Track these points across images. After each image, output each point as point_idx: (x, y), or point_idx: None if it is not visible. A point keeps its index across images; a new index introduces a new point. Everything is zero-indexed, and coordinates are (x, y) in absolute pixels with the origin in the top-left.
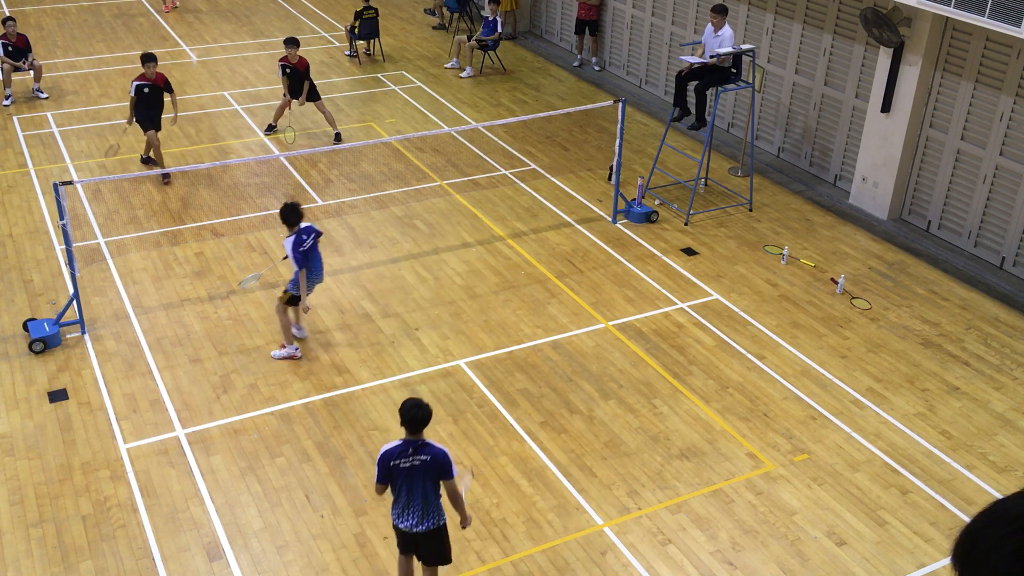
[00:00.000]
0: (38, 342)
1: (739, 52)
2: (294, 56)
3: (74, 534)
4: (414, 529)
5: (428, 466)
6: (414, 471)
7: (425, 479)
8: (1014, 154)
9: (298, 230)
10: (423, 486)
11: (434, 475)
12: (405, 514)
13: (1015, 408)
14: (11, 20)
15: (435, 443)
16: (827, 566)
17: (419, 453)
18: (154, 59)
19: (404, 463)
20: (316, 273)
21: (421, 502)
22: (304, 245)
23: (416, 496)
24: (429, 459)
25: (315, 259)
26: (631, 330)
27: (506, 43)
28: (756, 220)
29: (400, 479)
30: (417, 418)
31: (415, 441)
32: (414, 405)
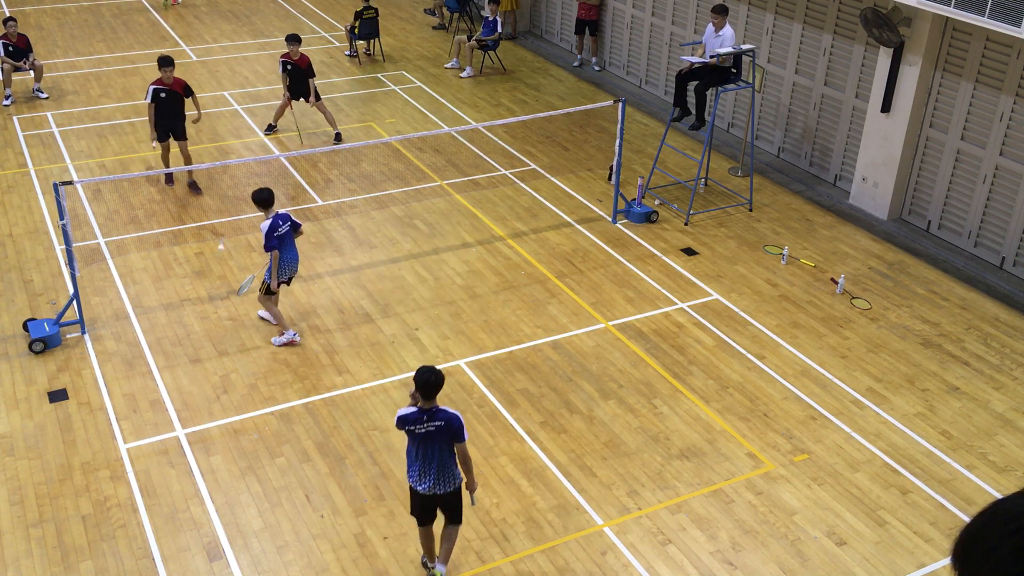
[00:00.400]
0: (38, 342)
1: (739, 52)
2: (296, 53)
3: (74, 534)
4: (433, 491)
5: (442, 431)
6: (429, 436)
7: (440, 444)
8: (1014, 154)
9: (274, 215)
10: (439, 451)
11: (447, 439)
12: (423, 477)
13: (1015, 408)
14: (12, 20)
15: (448, 408)
16: (827, 566)
17: (433, 419)
18: (171, 63)
19: (419, 429)
20: (290, 263)
21: (437, 466)
22: (279, 230)
23: (432, 460)
24: (443, 424)
25: (289, 248)
26: (631, 330)
27: (506, 43)
28: (756, 220)
29: (416, 444)
30: (430, 383)
31: (429, 408)
32: (427, 370)
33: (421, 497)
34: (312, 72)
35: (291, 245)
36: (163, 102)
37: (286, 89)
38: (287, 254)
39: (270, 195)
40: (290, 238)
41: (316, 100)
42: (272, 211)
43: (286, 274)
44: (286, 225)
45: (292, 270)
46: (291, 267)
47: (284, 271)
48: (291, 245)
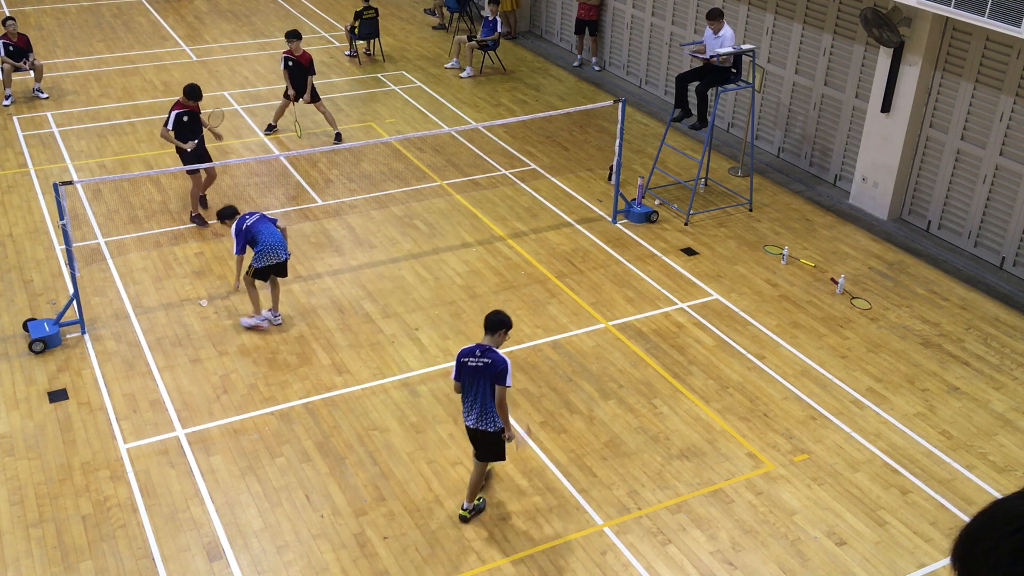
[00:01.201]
0: (38, 342)
1: (739, 52)
2: (297, 49)
3: (74, 534)
4: (475, 426)
5: (487, 369)
6: (477, 371)
7: (483, 381)
8: (1014, 154)
9: (240, 216)
10: (482, 387)
11: (490, 379)
12: (469, 412)
13: (1015, 408)
14: (12, 20)
15: (500, 352)
16: (827, 566)
17: (484, 356)
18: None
19: (471, 362)
20: (271, 248)
21: (480, 404)
22: (246, 223)
23: (477, 395)
24: (490, 362)
25: (265, 233)
26: (631, 330)
27: (506, 43)
28: (756, 220)
29: (466, 377)
30: (490, 319)
31: (483, 345)
32: (495, 311)
33: (467, 430)
34: (313, 70)
35: (269, 230)
36: (185, 125)
37: (288, 82)
38: (266, 239)
39: (232, 209)
40: (264, 224)
41: (314, 100)
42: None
43: (267, 260)
44: (254, 216)
45: (277, 255)
46: (274, 252)
47: (265, 257)
48: (269, 230)
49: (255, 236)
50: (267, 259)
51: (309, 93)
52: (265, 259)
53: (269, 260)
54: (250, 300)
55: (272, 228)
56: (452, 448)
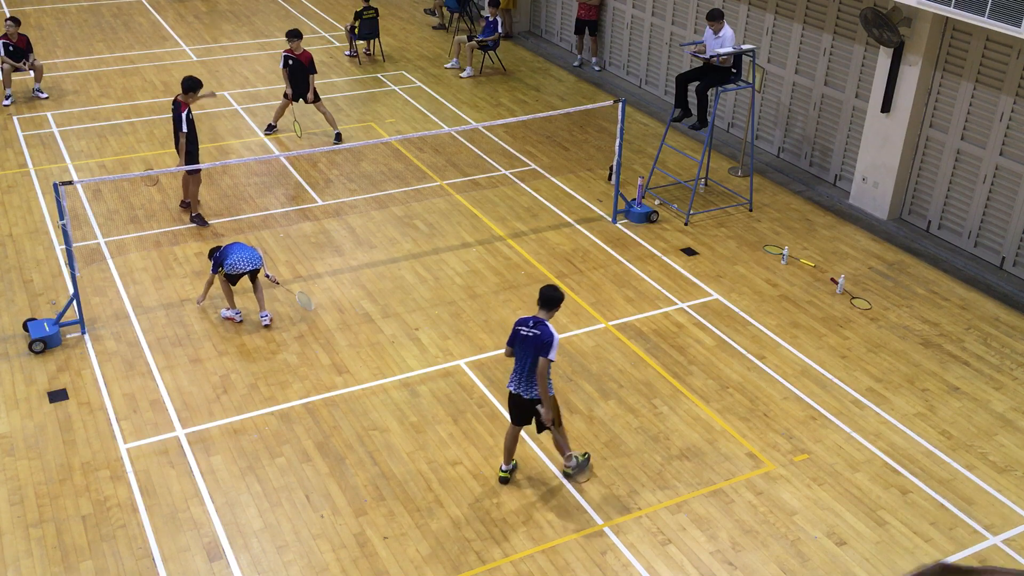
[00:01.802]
0: (38, 342)
1: (739, 52)
2: (298, 48)
3: (74, 534)
4: (514, 390)
5: (535, 340)
6: (527, 340)
7: (529, 351)
8: (1014, 154)
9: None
10: (528, 358)
11: (535, 350)
12: (513, 377)
13: (1015, 408)
14: (13, 21)
15: (551, 327)
16: (827, 566)
17: (535, 328)
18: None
19: (523, 331)
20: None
21: (527, 372)
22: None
23: (524, 364)
24: (539, 334)
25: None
26: (631, 330)
27: (506, 43)
28: (756, 220)
29: (517, 344)
30: (544, 295)
31: (538, 317)
32: (550, 286)
33: (509, 395)
34: (314, 68)
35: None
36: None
37: (287, 81)
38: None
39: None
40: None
41: (315, 100)
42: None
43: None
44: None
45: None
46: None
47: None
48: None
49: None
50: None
51: (312, 92)
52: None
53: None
54: (224, 296)
55: (243, 247)
56: (452, 448)
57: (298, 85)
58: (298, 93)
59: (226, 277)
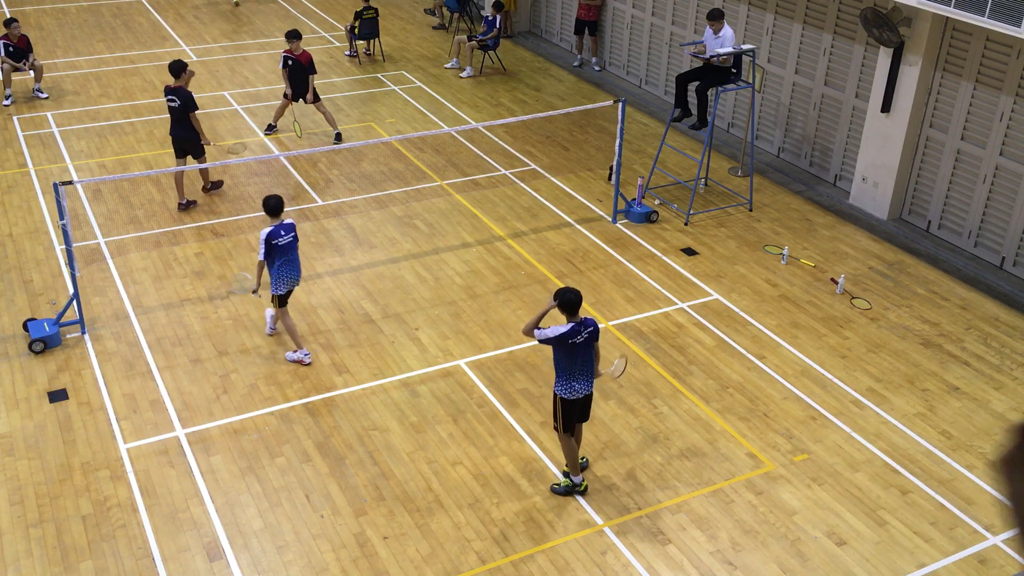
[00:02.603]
0: (38, 342)
1: (739, 52)
2: (297, 48)
3: (74, 534)
4: (587, 392)
5: (593, 336)
6: (586, 344)
7: (590, 348)
8: (1014, 154)
9: (278, 224)
10: (591, 355)
11: (595, 341)
12: (582, 383)
13: (1015, 408)
14: (15, 21)
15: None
16: (827, 566)
17: (586, 328)
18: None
19: (579, 339)
20: (288, 275)
21: (591, 369)
22: (279, 239)
23: (588, 364)
24: (592, 329)
25: (290, 260)
26: (631, 330)
27: (506, 43)
28: (756, 220)
29: (573, 354)
30: (575, 301)
31: (583, 320)
32: (569, 290)
33: (578, 403)
34: (313, 69)
35: (293, 257)
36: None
37: (286, 82)
38: (286, 267)
39: (278, 202)
40: (292, 249)
41: (315, 100)
42: (278, 219)
43: (283, 287)
44: (288, 235)
45: (291, 282)
46: (290, 279)
47: (282, 284)
48: (293, 257)
49: (283, 260)
50: (283, 284)
51: (311, 93)
52: (282, 284)
53: (284, 286)
54: (288, 333)
55: (296, 259)
56: (452, 448)
57: (297, 86)
58: (297, 93)
59: (280, 302)
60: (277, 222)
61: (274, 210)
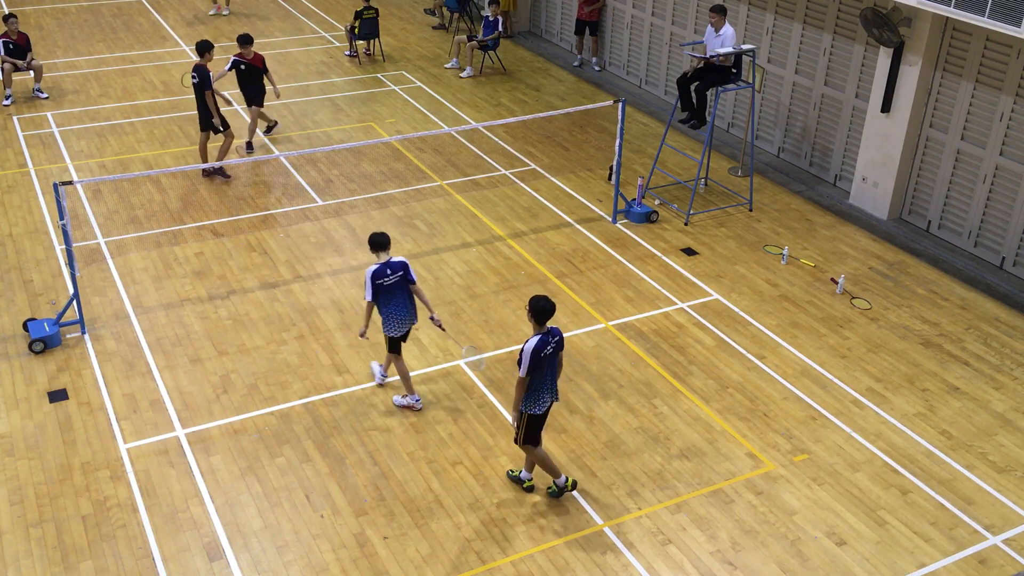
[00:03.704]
0: (38, 342)
1: (739, 52)
2: (249, 52)
3: (74, 534)
4: (552, 402)
5: (559, 344)
6: (553, 355)
7: (555, 359)
8: (1014, 154)
9: (384, 262)
10: (558, 365)
11: (560, 351)
12: (550, 394)
13: (1015, 408)
14: (13, 17)
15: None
16: (827, 566)
17: (554, 339)
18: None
19: (549, 350)
20: (399, 317)
21: (555, 379)
22: (385, 279)
23: (556, 375)
24: (559, 338)
25: (397, 301)
26: (631, 330)
27: (506, 43)
28: (756, 220)
29: (543, 366)
30: (547, 309)
31: (545, 333)
32: (542, 298)
33: (543, 417)
34: (266, 69)
35: (400, 298)
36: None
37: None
38: (394, 308)
39: (383, 239)
40: (400, 289)
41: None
42: (385, 256)
43: (395, 329)
44: (395, 276)
45: (402, 326)
46: (400, 322)
47: (393, 325)
48: (400, 298)
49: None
50: (394, 327)
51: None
52: (393, 326)
53: (396, 329)
54: (399, 375)
55: (404, 300)
56: (452, 448)
57: (251, 90)
58: (252, 98)
59: (391, 346)
60: (384, 260)
61: (379, 247)
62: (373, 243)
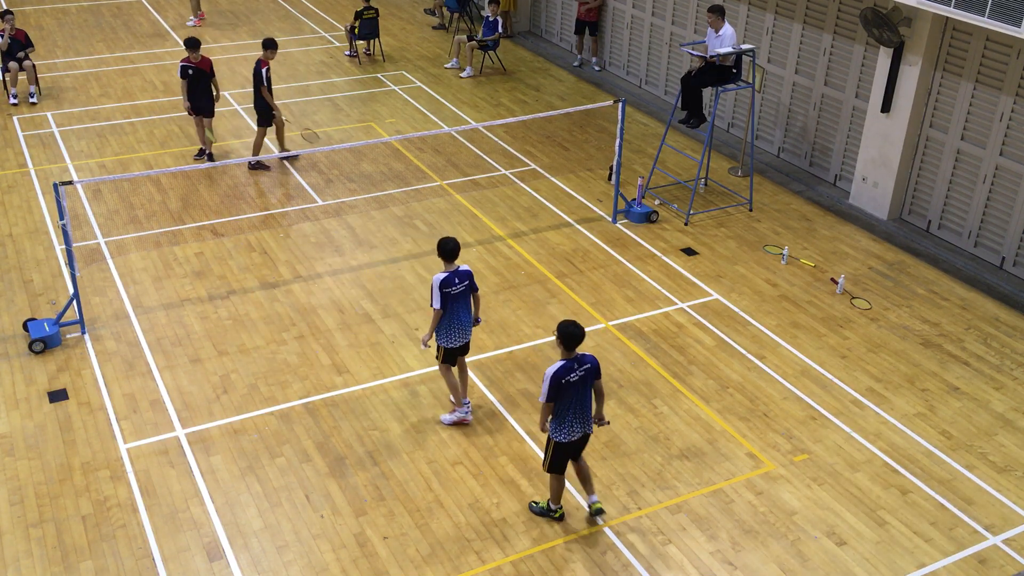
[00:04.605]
0: (38, 342)
1: (739, 52)
2: (196, 56)
3: (74, 534)
4: (583, 433)
5: (590, 373)
6: (581, 382)
7: (587, 386)
8: (1014, 154)
9: (453, 270)
10: (588, 394)
11: (592, 377)
12: (576, 424)
13: (1015, 408)
14: (9, 13)
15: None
16: (827, 566)
17: (582, 365)
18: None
19: (573, 377)
20: (459, 328)
21: (588, 408)
22: (453, 288)
23: (585, 404)
24: (589, 366)
25: (460, 311)
26: (631, 330)
27: (506, 43)
28: (756, 220)
29: (568, 393)
30: (575, 335)
31: (570, 360)
32: (571, 323)
33: (571, 446)
34: (214, 74)
35: (463, 308)
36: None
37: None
38: (455, 318)
39: (454, 247)
40: (464, 299)
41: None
42: (453, 265)
43: (455, 340)
44: (462, 284)
45: (462, 336)
46: (460, 333)
47: (451, 336)
48: (463, 308)
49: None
50: (455, 337)
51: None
52: (452, 337)
53: (456, 339)
54: (448, 390)
55: (468, 310)
56: (452, 448)
57: (199, 98)
58: (200, 106)
59: (444, 357)
60: (452, 268)
61: (450, 254)
62: (444, 250)
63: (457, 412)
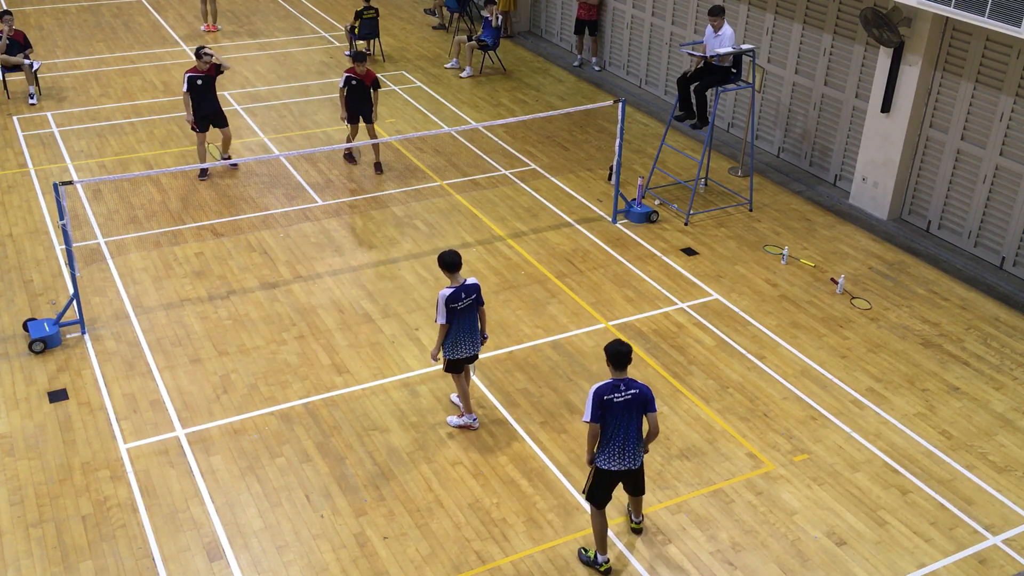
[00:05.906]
0: (38, 342)
1: (739, 52)
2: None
3: (74, 534)
4: (626, 466)
5: (637, 399)
6: (627, 406)
7: (634, 413)
8: (1014, 154)
9: (459, 285)
10: (635, 422)
11: (641, 409)
12: (623, 454)
13: (1015, 408)
14: (8, 14)
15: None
16: (827, 566)
17: (629, 388)
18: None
19: (618, 398)
20: (465, 341)
21: (635, 438)
22: (459, 303)
23: (631, 432)
24: (638, 392)
25: (466, 325)
26: (631, 330)
27: (506, 43)
28: (756, 220)
29: (614, 416)
30: (622, 353)
31: (625, 379)
32: (618, 343)
33: (613, 475)
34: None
35: (470, 321)
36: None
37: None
38: (462, 331)
39: (458, 260)
40: (471, 312)
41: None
42: (458, 278)
43: (462, 352)
44: (469, 299)
45: (469, 349)
46: (467, 346)
47: (458, 349)
48: (470, 321)
49: (457, 323)
50: (461, 349)
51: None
52: (460, 349)
53: (463, 351)
54: (459, 394)
55: (474, 324)
56: (452, 448)
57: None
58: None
59: (448, 366)
60: (458, 283)
61: (453, 267)
62: (446, 263)
63: (465, 417)
